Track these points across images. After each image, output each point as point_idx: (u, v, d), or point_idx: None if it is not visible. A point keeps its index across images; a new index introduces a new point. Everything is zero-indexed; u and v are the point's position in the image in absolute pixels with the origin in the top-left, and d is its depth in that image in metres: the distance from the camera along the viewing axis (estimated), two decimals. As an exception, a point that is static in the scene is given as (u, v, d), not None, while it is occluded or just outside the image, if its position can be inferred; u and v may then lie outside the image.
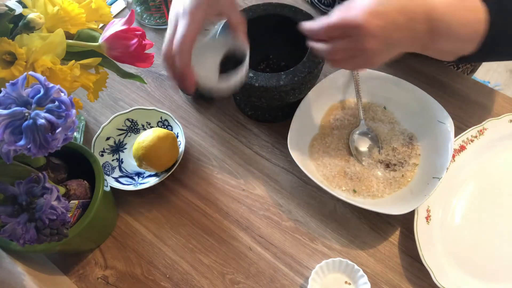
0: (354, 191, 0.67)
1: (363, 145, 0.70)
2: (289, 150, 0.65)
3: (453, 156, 0.67)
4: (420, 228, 0.61)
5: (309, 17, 0.69)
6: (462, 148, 0.68)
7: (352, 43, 0.50)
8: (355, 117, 0.73)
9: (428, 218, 0.63)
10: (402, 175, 0.67)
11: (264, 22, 0.70)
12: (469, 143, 0.69)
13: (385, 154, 0.70)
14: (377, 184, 0.67)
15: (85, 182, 0.58)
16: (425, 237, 0.61)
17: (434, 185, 0.62)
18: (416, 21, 0.50)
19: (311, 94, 0.71)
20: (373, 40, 0.49)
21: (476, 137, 0.69)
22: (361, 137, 0.71)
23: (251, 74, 0.63)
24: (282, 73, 0.63)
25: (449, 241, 0.63)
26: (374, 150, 0.70)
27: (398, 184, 0.67)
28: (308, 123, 0.72)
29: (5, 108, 0.39)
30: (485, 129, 0.69)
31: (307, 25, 0.53)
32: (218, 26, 0.56)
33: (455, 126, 0.66)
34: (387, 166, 0.69)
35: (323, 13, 0.88)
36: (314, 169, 0.68)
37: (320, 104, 0.73)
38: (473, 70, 0.94)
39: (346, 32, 0.49)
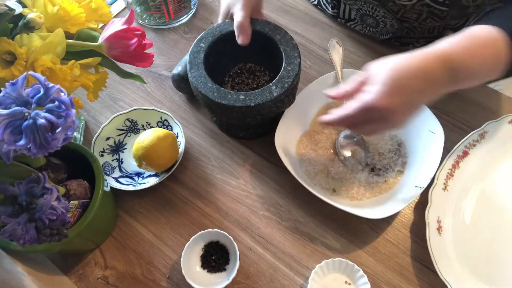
0: (334, 190, 0.67)
1: (348, 148, 0.70)
2: (275, 141, 0.66)
3: (457, 163, 0.67)
4: (434, 241, 0.60)
5: (289, 37, 0.68)
6: (465, 154, 0.68)
7: (376, 123, 0.52)
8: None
9: (439, 229, 0.62)
10: (385, 181, 0.67)
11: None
12: (472, 148, 0.68)
13: (370, 158, 0.70)
14: (358, 187, 0.67)
15: (85, 182, 0.58)
16: (439, 249, 0.60)
17: (416, 194, 0.62)
18: (435, 80, 0.51)
19: (305, 91, 0.71)
20: (395, 115, 0.50)
21: (477, 141, 0.69)
22: (346, 140, 0.71)
23: (242, 96, 0.61)
24: (270, 84, 0.62)
25: (463, 249, 0.62)
26: (358, 152, 0.70)
27: (379, 189, 0.67)
28: (300, 119, 0.72)
29: (5, 108, 0.39)
30: (486, 132, 0.69)
31: (328, 117, 0.54)
32: None
33: (455, 126, 0.66)
34: (372, 170, 0.69)
35: (330, 15, 0.88)
36: (297, 163, 0.69)
37: (314, 103, 0.74)
38: None
39: (369, 116, 0.51)
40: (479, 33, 0.54)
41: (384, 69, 0.51)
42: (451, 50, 0.52)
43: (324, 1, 0.87)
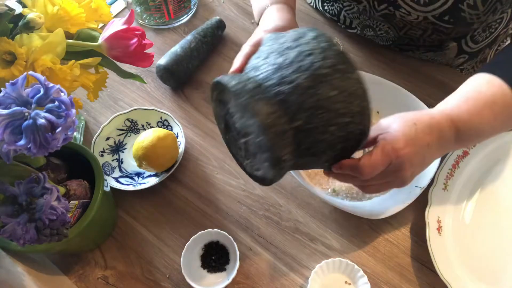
0: (334, 190, 0.67)
1: None
2: None
3: (457, 163, 0.67)
4: (434, 241, 0.61)
5: None
6: (465, 153, 0.68)
7: (390, 172, 0.49)
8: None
9: (439, 229, 0.62)
10: None
11: None
12: (472, 148, 0.68)
13: None
14: None
15: (85, 182, 0.58)
16: (439, 249, 0.60)
17: (415, 194, 0.62)
18: (445, 139, 0.51)
19: None
20: (410, 167, 0.49)
21: None
22: None
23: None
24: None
25: (463, 249, 0.62)
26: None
27: None
28: None
29: (5, 108, 0.39)
30: None
31: (353, 168, 0.49)
32: None
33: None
34: None
35: (328, 19, 0.88)
36: None
37: None
38: None
39: (388, 165, 0.49)
40: (485, 88, 0.52)
41: (394, 122, 0.50)
42: (458, 114, 0.51)
43: (321, 8, 0.87)
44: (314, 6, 0.89)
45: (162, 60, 0.77)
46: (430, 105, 0.70)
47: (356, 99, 0.45)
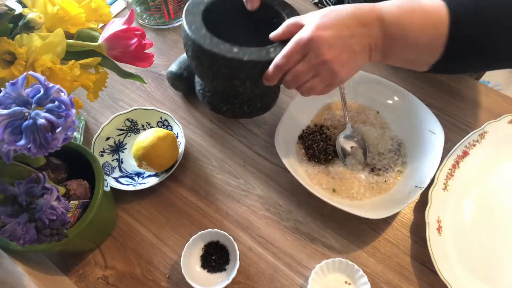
0: (334, 190, 0.67)
1: (348, 148, 0.70)
2: (275, 141, 0.65)
3: (457, 163, 0.67)
4: (433, 241, 0.61)
5: (297, 14, 0.63)
6: (465, 154, 0.68)
7: (311, 60, 0.50)
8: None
9: (439, 229, 0.62)
10: (385, 181, 0.67)
11: (233, 5, 0.64)
12: (472, 148, 0.68)
13: (370, 158, 0.70)
14: (358, 186, 0.67)
15: (85, 182, 0.58)
16: (439, 249, 0.60)
17: (415, 194, 0.62)
18: (369, 26, 0.50)
19: None
20: (330, 50, 0.49)
21: (477, 141, 0.69)
22: (346, 140, 0.71)
23: (235, 49, 0.55)
24: (269, 46, 0.56)
25: (463, 249, 0.62)
26: (358, 152, 0.70)
27: (379, 189, 0.67)
28: (300, 119, 0.72)
29: (5, 108, 0.39)
30: (486, 132, 0.69)
31: (271, 67, 0.54)
32: None
33: (455, 126, 0.66)
34: (372, 170, 0.69)
35: None
36: (297, 163, 0.69)
37: (314, 102, 0.74)
38: (478, 78, 0.94)
39: (303, 52, 0.50)
40: (425, 1, 0.50)
41: (315, 12, 0.53)
42: (387, 7, 0.50)
43: (325, 0, 0.87)
44: (317, 0, 0.89)
45: (173, 67, 0.76)
46: (430, 105, 0.71)
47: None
